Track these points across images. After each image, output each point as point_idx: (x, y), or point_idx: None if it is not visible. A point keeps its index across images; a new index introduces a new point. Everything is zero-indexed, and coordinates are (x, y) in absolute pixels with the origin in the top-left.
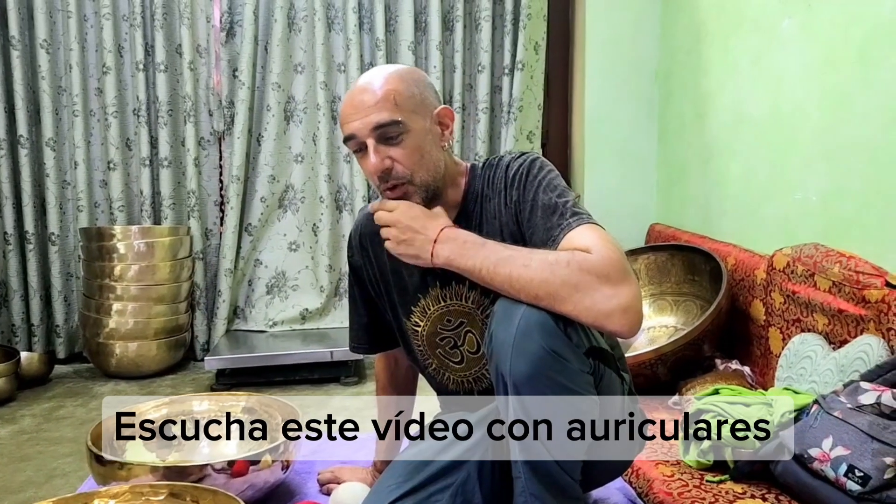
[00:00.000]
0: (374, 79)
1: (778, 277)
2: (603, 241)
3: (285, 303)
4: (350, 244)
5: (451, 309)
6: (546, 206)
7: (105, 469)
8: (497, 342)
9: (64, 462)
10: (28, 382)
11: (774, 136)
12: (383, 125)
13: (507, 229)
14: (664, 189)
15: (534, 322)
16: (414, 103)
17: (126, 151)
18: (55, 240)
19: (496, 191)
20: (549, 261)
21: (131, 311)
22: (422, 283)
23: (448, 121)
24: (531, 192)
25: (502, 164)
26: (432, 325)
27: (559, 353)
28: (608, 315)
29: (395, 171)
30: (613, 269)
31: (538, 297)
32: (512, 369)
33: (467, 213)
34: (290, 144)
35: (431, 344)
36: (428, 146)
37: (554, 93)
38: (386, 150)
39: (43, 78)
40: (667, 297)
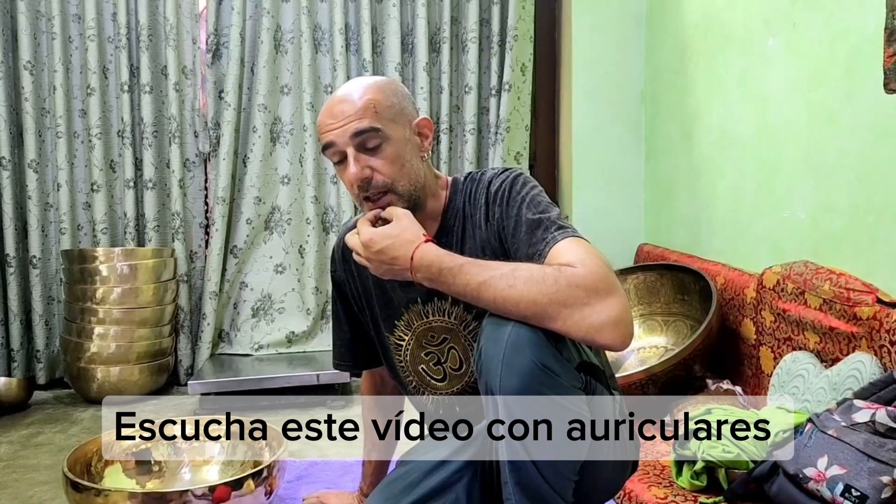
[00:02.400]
0: (353, 89)
1: (768, 296)
2: (589, 254)
3: (271, 326)
4: (333, 258)
5: (433, 325)
6: (530, 223)
7: (82, 496)
8: (486, 358)
9: (41, 490)
10: (6, 409)
11: (762, 154)
12: (363, 132)
13: (488, 246)
14: (652, 209)
15: (524, 337)
16: (393, 113)
17: (110, 173)
18: (37, 263)
19: (477, 206)
20: (535, 278)
21: (113, 335)
22: (405, 298)
23: (427, 131)
24: (514, 209)
25: (484, 180)
26: (416, 340)
27: (550, 368)
28: (599, 329)
29: (375, 180)
30: (601, 282)
31: (526, 317)
32: (502, 385)
33: (447, 229)
34: (277, 166)
35: (415, 360)
36: (408, 155)
37: (541, 114)
38: (366, 159)
39: (26, 99)
40: (656, 318)
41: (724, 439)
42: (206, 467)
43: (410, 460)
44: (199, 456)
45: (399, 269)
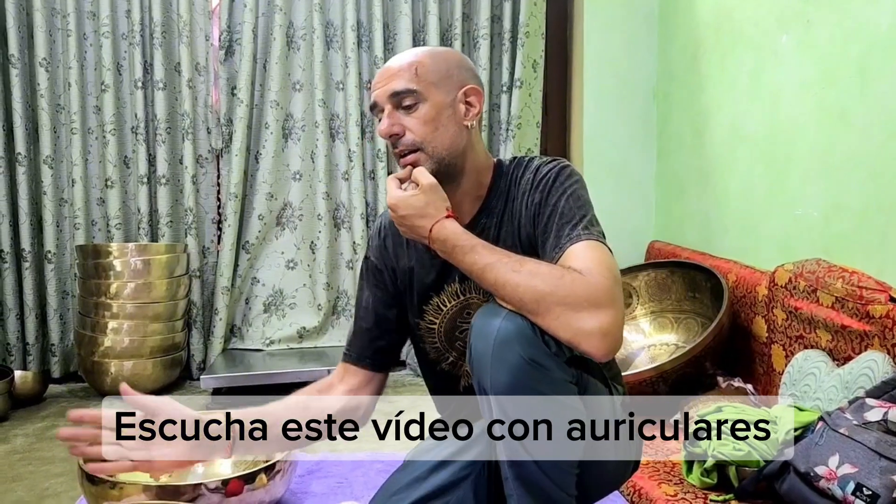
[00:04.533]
0: (404, 53)
1: (780, 294)
2: (600, 263)
3: (282, 321)
4: (370, 243)
5: (470, 302)
6: (563, 215)
7: (97, 489)
8: (476, 354)
9: (56, 482)
10: (22, 402)
11: (773, 152)
12: (399, 93)
13: (524, 231)
14: (663, 206)
15: (511, 331)
16: (437, 77)
17: (124, 169)
18: (51, 258)
19: (521, 191)
20: (540, 272)
21: (127, 330)
22: (437, 281)
23: (475, 101)
24: (554, 198)
25: (532, 166)
26: (450, 321)
27: (539, 362)
28: (587, 335)
29: (405, 138)
30: (602, 293)
31: (523, 302)
32: (492, 381)
33: (489, 209)
34: (288, 162)
35: (450, 338)
36: (444, 120)
37: (552, 111)
38: (399, 117)
39: (42, 96)
40: (667, 315)
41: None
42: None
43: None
44: None
45: (419, 238)
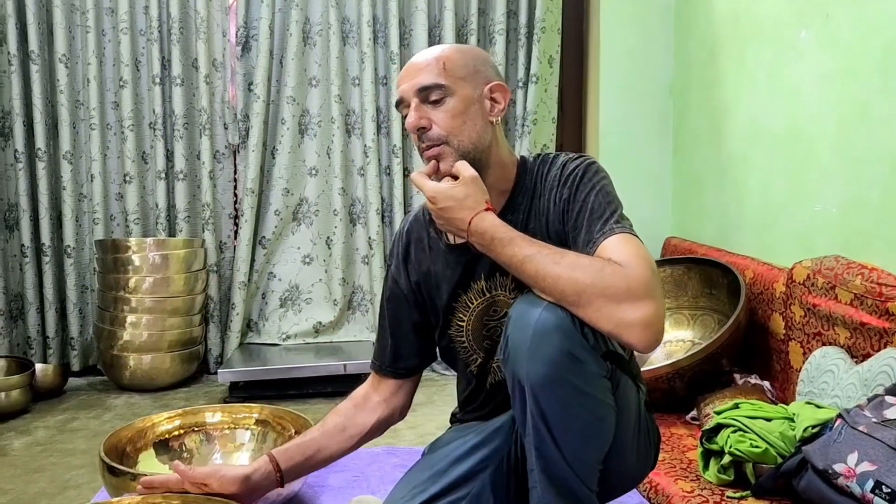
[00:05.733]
0: (433, 48)
1: (798, 290)
2: (638, 255)
3: (299, 316)
4: (391, 252)
5: (497, 300)
6: (594, 210)
7: (118, 480)
8: (513, 345)
9: (77, 474)
10: (42, 394)
11: (792, 148)
12: (427, 87)
13: (552, 227)
14: (680, 202)
15: (551, 324)
16: (465, 72)
17: (142, 164)
18: (71, 252)
19: (548, 187)
20: (581, 264)
21: (145, 324)
22: (463, 279)
23: (500, 97)
24: (583, 194)
25: (558, 162)
26: (477, 318)
27: (576, 355)
28: (629, 326)
29: (432, 131)
30: (642, 284)
31: (563, 294)
32: (528, 372)
33: (514, 206)
34: (305, 158)
35: (478, 337)
36: (471, 115)
37: (568, 106)
38: (426, 110)
39: (61, 92)
40: (683, 311)
41: (751, 434)
42: (236, 454)
43: (437, 450)
44: (230, 442)
45: (457, 230)
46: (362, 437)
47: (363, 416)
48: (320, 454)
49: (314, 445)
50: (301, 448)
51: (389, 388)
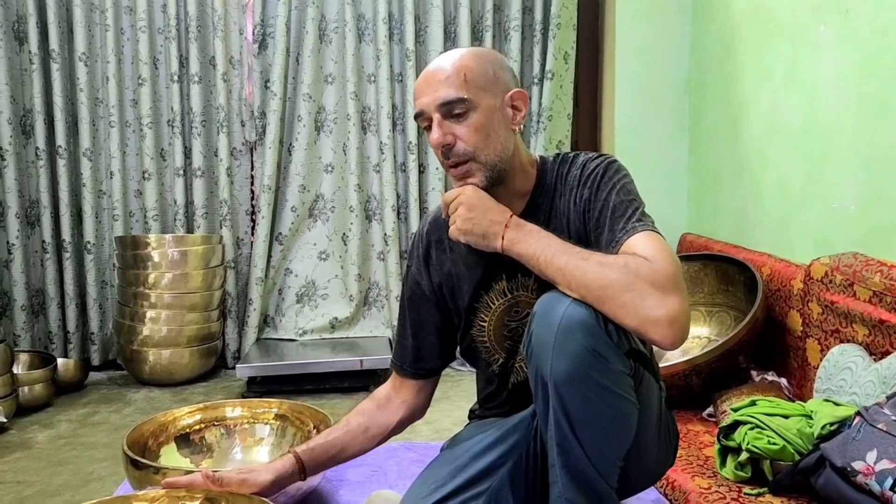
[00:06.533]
0: (449, 56)
1: (815, 287)
2: (662, 250)
3: (315, 312)
4: (411, 254)
5: (518, 300)
6: (616, 209)
7: (141, 474)
8: (537, 341)
9: (100, 466)
10: (64, 388)
11: (810, 144)
12: (449, 102)
13: (573, 227)
14: (696, 199)
15: (576, 321)
16: (485, 81)
17: (160, 161)
18: (91, 248)
19: (568, 187)
20: (608, 261)
21: (164, 319)
22: (485, 279)
23: (521, 104)
24: (604, 193)
25: (578, 162)
26: (498, 318)
27: (601, 352)
28: (654, 322)
29: (458, 147)
30: (668, 279)
31: (589, 290)
32: (553, 369)
33: (535, 206)
34: (321, 154)
35: (499, 337)
36: (495, 126)
37: (583, 102)
38: (450, 126)
39: (81, 90)
40: (700, 308)
41: (769, 431)
42: (256, 448)
43: (456, 445)
44: (249, 437)
45: (491, 224)
46: (384, 437)
47: (385, 417)
48: (343, 453)
49: (338, 444)
50: (325, 447)
51: (410, 388)
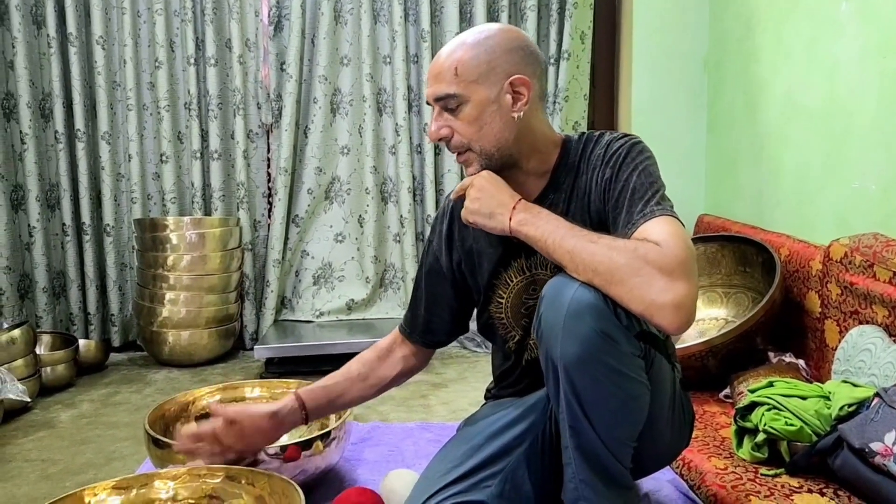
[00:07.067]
0: (447, 47)
1: (834, 268)
2: (675, 236)
3: (332, 293)
4: (434, 228)
5: (536, 278)
6: (636, 190)
7: (163, 452)
8: (546, 325)
9: (122, 445)
10: (85, 369)
11: (830, 124)
12: (441, 98)
13: (594, 206)
14: (713, 180)
15: (584, 303)
16: (478, 73)
17: (178, 144)
18: (110, 231)
19: (591, 166)
20: (617, 245)
21: (183, 301)
22: (504, 256)
23: (523, 89)
24: (626, 174)
25: (602, 142)
26: (516, 296)
27: (610, 334)
28: (660, 307)
29: (454, 140)
30: (677, 265)
31: (596, 273)
32: (562, 352)
33: (557, 185)
34: (337, 136)
35: (516, 315)
36: (487, 118)
37: (600, 83)
38: (447, 118)
39: (99, 73)
40: (717, 289)
41: (786, 412)
42: None
43: (473, 425)
44: None
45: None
46: (381, 387)
47: (384, 369)
48: (342, 399)
49: (338, 390)
50: (326, 391)
51: (412, 350)
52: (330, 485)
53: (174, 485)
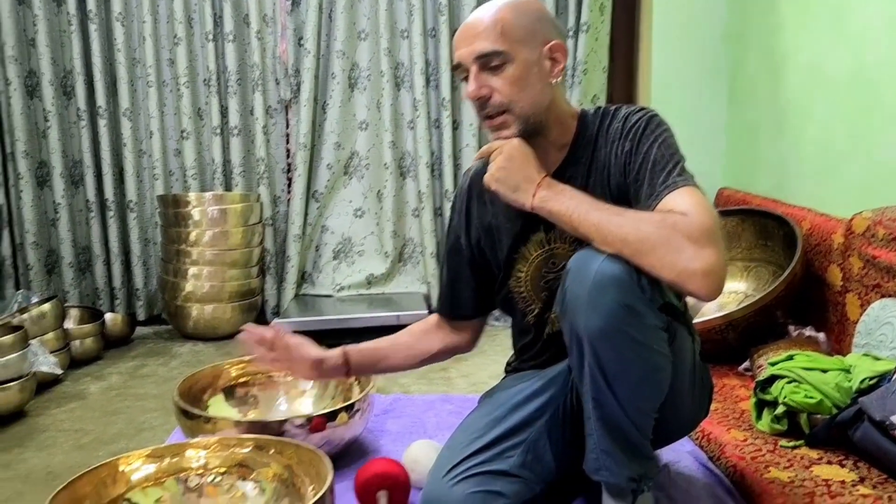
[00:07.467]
0: (487, 8)
1: (857, 242)
2: (701, 206)
3: (351, 268)
4: (454, 207)
5: (555, 252)
6: (657, 163)
7: (192, 423)
8: (571, 298)
9: (151, 416)
10: (113, 342)
11: (855, 95)
12: (485, 55)
13: (614, 179)
14: (733, 153)
15: (608, 276)
16: (523, 33)
17: (198, 121)
18: (133, 207)
19: (609, 140)
20: (644, 217)
21: (206, 275)
22: (523, 231)
23: (560, 56)
24: (645, 146)
25: (619, 115)
26: (536, 269)
27: (634, 307)
28: (691, 274)
29: (493, 100)
30: (704, 233)
31: (626, 244)
32: (586, 324)
33: (576, 158)
34: (355, 112)
35: (536, 288)
36: (531, 79)
37: (619, 55)
38: (486, 78)
39: (119, 50)
40: (737, 263)
41: (806, 384)
42: (299, 399)
43: (494, 397)
44: (293, 388)
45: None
46: (425, 359)
47: (428, 342)
48: (385, 362)
49: (382, 354)
50: (372, 353)
51: (449, 327)
52: (354, 455)
53: (205, 454)
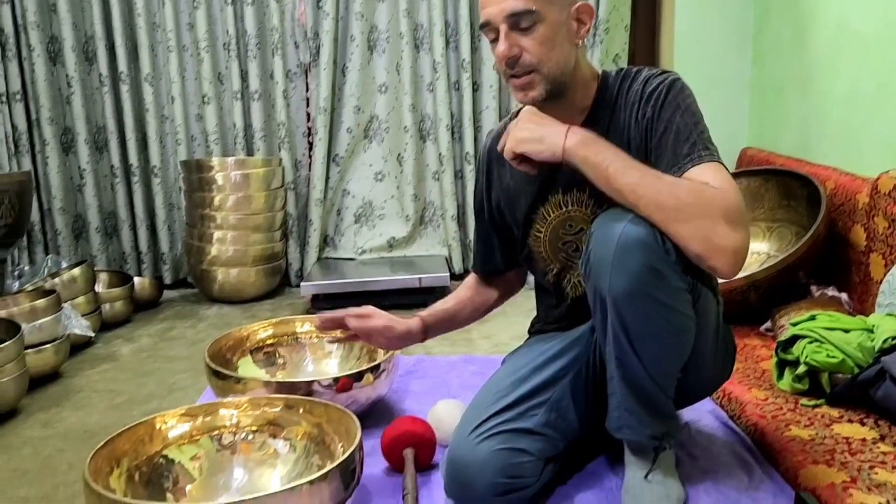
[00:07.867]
0: None
1: (882, 201)
2: (731, 184)
3: (373, 231)
4: (478, 168)
5: (572, 215)
6: (680, 131)
7: (223, 383)
8: (595, 259)
9: (181, 377)
10: (141, 306)
11: (884, 52)
12: (517, 14)
13: (634, 143)
14: (758, 112)
15: (633, 238)
16: None
17: (218, 85)
18: (157, 172)
19: (629, 103)
20: (682, 184)
21: (231, 240)
22: (542, 191)
23: (586, 17)
24: (668, 113)
25: (640, 78)
26: (553, 230)
27: (659, 269)
28: (720, 251)
29: (523, 59)
30: (738, 214)
31: (660, 208)
32: (611, 286)
33: (595, 120)
34: (374, 75)
35: (554, 249)
36: (560, 39)
37: (641, 12)
38: (517, 37)
39: (139, 14)
40: (759, 224)
41: (828, 344)
42: (325, 360)
43: (518, 357)
44: (319, 350)
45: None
46: (485, 310)
47: (487, 292)
48: (454, 320)
49: (451, 311)
50: (443, 313)
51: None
52: (380, 415)
53: (237, 413)
